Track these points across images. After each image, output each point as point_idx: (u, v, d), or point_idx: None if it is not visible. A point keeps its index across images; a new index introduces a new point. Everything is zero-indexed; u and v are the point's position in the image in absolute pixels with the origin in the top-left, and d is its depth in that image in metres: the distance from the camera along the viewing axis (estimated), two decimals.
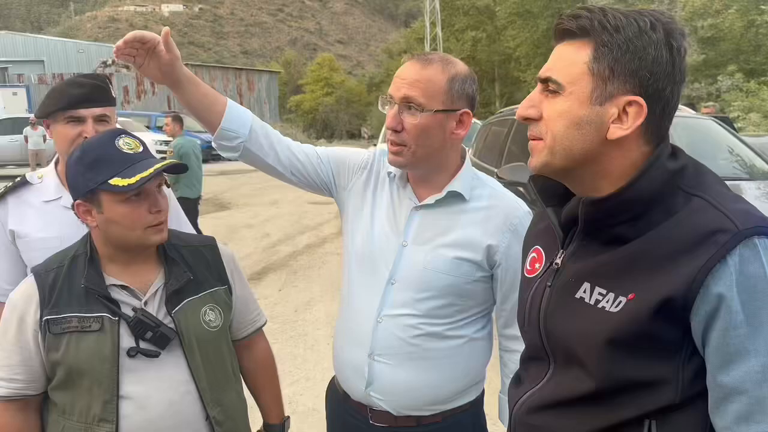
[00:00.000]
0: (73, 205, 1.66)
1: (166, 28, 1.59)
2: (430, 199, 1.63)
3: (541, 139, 1.06)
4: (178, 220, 2.29)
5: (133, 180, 1.55)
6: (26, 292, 1.66)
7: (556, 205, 1.17)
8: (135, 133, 1.83)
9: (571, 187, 1.11)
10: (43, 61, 33.13)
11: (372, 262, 1.68)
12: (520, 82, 36.36)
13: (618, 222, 1.03)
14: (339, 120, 54.23)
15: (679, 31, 1.00)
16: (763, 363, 0.88)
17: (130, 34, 1.54)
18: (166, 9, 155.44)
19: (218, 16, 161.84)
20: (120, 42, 1.54)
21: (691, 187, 1.00)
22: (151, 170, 1.59)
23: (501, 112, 6.48)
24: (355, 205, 1.77)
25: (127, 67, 38.10)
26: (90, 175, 1.58)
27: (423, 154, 1.58)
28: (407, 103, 1.53)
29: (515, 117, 5.47)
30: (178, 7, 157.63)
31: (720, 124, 5.38)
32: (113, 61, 37.66)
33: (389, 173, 1.73)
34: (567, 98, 1.02)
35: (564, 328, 1.10)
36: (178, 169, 1.79)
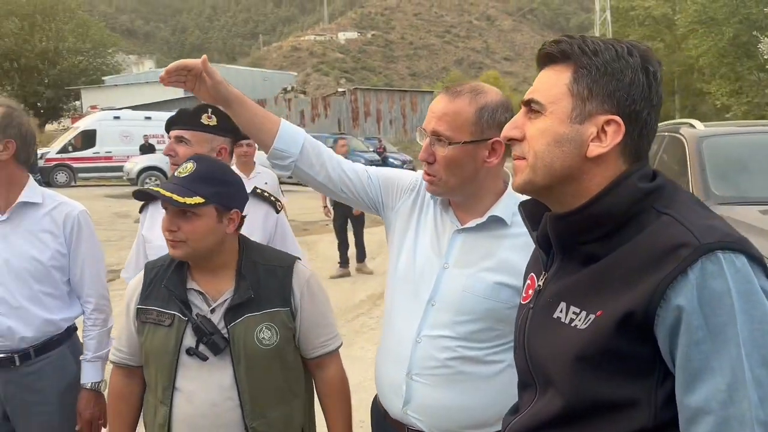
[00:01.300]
0: None
1: (203, 56, 1.66)
2: (472, 223, 1.60)
3: (524, 158, 1.07)
4: (283, 240, 2.45)
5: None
6: (135, 282, 1.87)
7: None
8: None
9: (553, 206, 1.10)
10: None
11: (414, 283, 1.64)
12: (704, 94, 33.87)
13: (589, 239, 1.03)
14: None
15: (655, 59, 1.03)
16: (729, 382, 0.85)
17: (172, 64, 1.63)
18: (342, 36, 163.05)
19: (389, 41, 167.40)
20: (162, 72, 1.65)
21: (663, 206, 0.98)
22: (161, 193, 1.69)
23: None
24: (401, 226, 1.75)
25: (304, 93, 41.38)
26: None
27: (455, 184, 1.57)
28: (436, 136, 1.54)
29: (662, 133, 5.43)
30: (353, 35, 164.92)
31: None
32: (292, 88, 40.96)
33: (432, 197, 1.71)
34: (548, 117, 1.03)
35: (542, 349, 1.09)
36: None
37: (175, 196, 1.62)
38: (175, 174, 1.73)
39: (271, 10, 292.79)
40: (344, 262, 8.45)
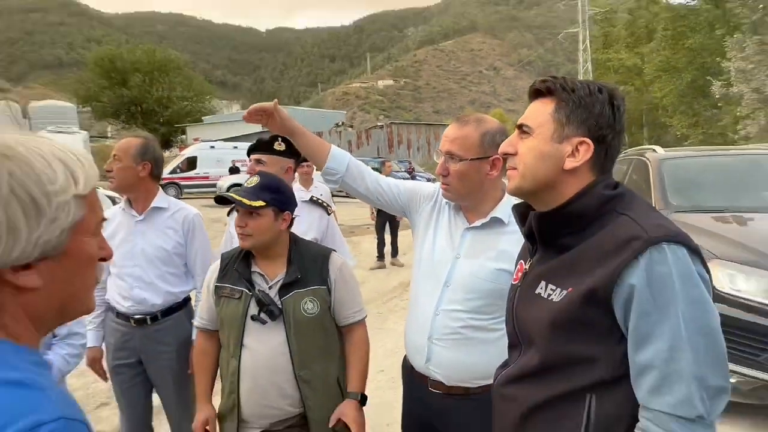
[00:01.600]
0: None
1: (275, 100, 1.68)
2: (478, 223, 1.58)
3: (515, 168, 1.07)
4: (332, 235, 2.44)
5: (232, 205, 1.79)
6: (213, 267, 1.88)
7: None
8: None
9: (538, 207, 1.08)
10: None
11: (433, 269, 1.62)
12: (666, 126, 32.95)
13: (564, 233, 1.03)
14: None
15: (620, 96, 1.03)
16: (670, 345, 0.86)
17: (252, 106, 1.66)
18: (381, 83, 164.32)
19: (417, 87, 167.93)
20: (245, 113, 1.69)
21: (622, 209, 0.98)
22: (233, 199, 1.72)
23: (625, 153, 6.06)
24: (423, 226, 1.73)
25: (351, 126, 41.68)
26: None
27: (465, 191, 1.56)
28: (450, 155, 1.53)
29: (627, 156, 5.34)
30: (389, 82, 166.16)
31: None
32: (342, 123, 41.30)
33: (447, 202, 1.69)
34: (535, 138, 1.04)
35: (526, 317, 1.09)
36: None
37: (244, 200, 1.66)
38: (245, 184, 1.76)
39: (327, 65, 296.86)
40: (381, 256, 8.46)
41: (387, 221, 8.36)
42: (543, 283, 1.03)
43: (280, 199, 1.73)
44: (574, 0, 41.86)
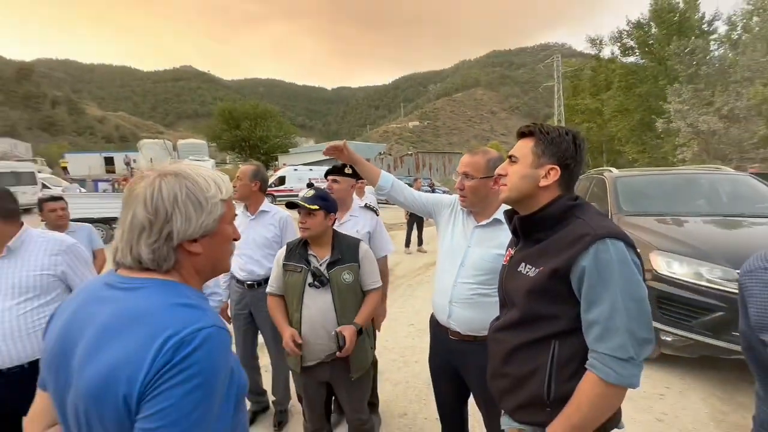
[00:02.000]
0: None
1: (344, 141, 1.69)
2: (483, 222, 1.55)
3: (505, 185, 1.07)
4: (380, 231, 2.32)
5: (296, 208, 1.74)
6: (281, 251, 1.85)
7: None
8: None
9: (521, 211, 1.08)
10: None
11: (452, 255, 1.59)
12: (621, 152, 31.37)
13: (537, 230, 1.03)
14: None
15: (581, 137, 1.03)
16: (610, 308, 0.86)
17: (329, 145, 1.66)
18: (410, 124, 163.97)
19: (436, 126, 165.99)
20: (325, 149, 1.69)
21: (580, 214, 0.97)
22: (299, 204, 1.72)
23: (588, 173, 5.87)
24: (443, 225, 1.70)
25: (389, 154, 41.63)
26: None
27: (476, 200, 1.54)
28: (465, 175, 1.52)
29: (590, 175, 5.16)
30: (416, 123, 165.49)
31: (759, 180, 4.02)
32: (383, 152, 41.28)
33: (461, 208, 1.65)
34: (519, 164, 1.04)
35: (511, 287, 1.08)
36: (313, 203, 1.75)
37: (305, 204, 1.69)
38: (304, 195, 1.77)
39: (372, 111, 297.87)
40: (408, 244, 8.46)
41: (416, 221, 8.37)
42: (523, 264, 1.03)
43: (327, 205, 1.74)
44: (551, 62, 40.29)
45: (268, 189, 22.00)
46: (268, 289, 1.82)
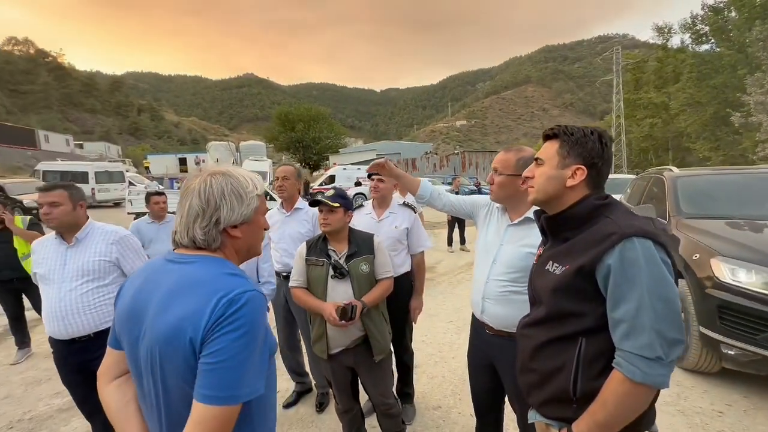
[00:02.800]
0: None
1: (385, 159, 1.79)
2: (516, 221, 1.54)
3: (533, 186, 1.07)
4: (418, 227, 2.32)
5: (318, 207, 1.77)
6: (302, 246, 1.88)
7: None
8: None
9: (549, 211, 1.07)
10: (399, 153, 37.23)
11: (486, 252, 1.59)
12: (690, 150, 28.18)
13: (565, 229, 1.02)
14: None
15: (607, 136, 1.00)
16: (636, 306, 0.84)
17: (373, 163, 1.80)
18: (457, 123, 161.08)
19: (484, 125, 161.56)
20: (369, 166, 1.83)
21: (608, 213, 0.96)
22: (320, 202, 1.77)
23: (646, 172, 5.01)
24: (480, 224, 1.71)
25: (436, 154, 41.04)
26: (314, 204, 1.83)
27: (503, 196, 1.54)
28: (495, 170, 1.53)
29: (647, 175, 4.77)
30: (464, 122, 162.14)
31: None
32: (430, 152, 40.86)
33: (497, 207, 1.65)
34: (546, 166, 1.04)
35: (538, 284, 1.07)
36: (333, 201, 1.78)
37: (328, 202, 1.75)
38: (326, 194, 1.80)
39: (419, 111, 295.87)
40: (450, 243, 8.35)
41: (457, 220, 8.25)
42: (551, 262, 1.02)
43: (346, 203, 1.79)
44: (610, 54, 37.06)
45: (317, 187, 22.48)
46: (292, 283, 1.85)
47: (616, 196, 5.69)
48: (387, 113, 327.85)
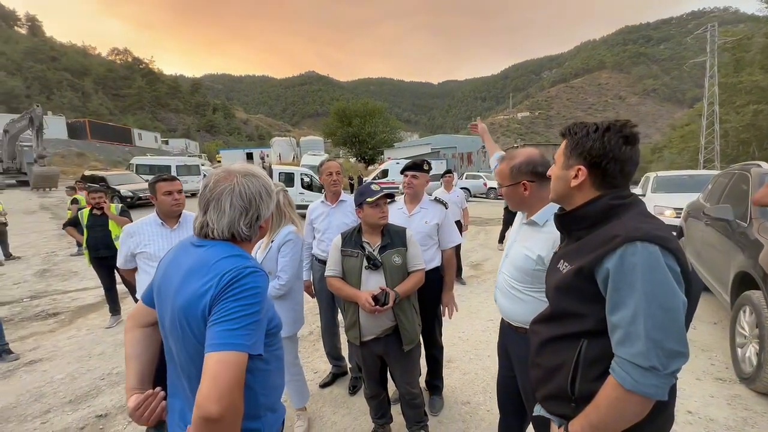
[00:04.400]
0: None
1: (479, 118, 1.98)
2: (525, 221, 1.52)
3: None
4: (449, 222, 2.32)
5: (372, 199, 1.81)
6: (338, 238, 1.94)
7: None
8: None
9: (566, 209, 1.06)
10: (455, 147, 36.34)
11: (508, 245, 1.60)
12: None
13: (577, 228, 1.01)
14: None
15: (618, 130, 0.94)
16: (632, 313, 0.82)
17: (472, 123, 2.11)
18: (519, 115, 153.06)
19: (549, 116, 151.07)
20: (471, 125, 2.25)
21: (620, 214, 0.93)
22: (377, 196, 1.81)
23: (730, 168, 4.43)
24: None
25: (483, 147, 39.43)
26: (359, 197, 1.87)
27: (514, 204, 1.52)
28: (498, 184, 1.54)
29: (730, 171, 4.18)
30: (526, 113, 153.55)
31: None
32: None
33: None
34: (556, 166, 1.06)
35: (548, 282, 1.08)
36: (392, 196, 1.89)
37: (389, 196, 1.87)
38: (374, 189, 1.86)
39: (478, 104, 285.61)
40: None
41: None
42: (561, 261, 1.02)
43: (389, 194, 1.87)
44: (704, 32, 32.25)
45: (370, 181, 22.70)
46: (328, 272, 1.91)
47: (694, 196, 5.19)
48: (444, 106, 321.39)
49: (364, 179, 22.36)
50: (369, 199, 1.81)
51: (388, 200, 1.84)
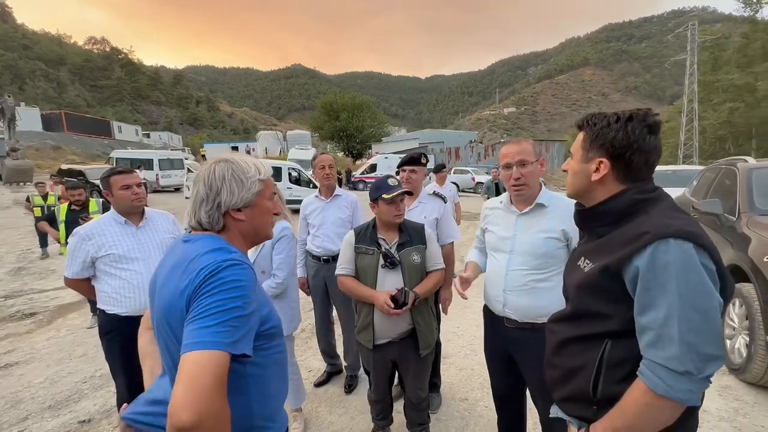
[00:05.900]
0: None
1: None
2: (526, 210, 1.52)
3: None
4: (447, 216, 2.27)
5: (389, 196, 1.72)
6: (350, 234, 1.85)
7: None
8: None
9: (585, 205, 1.01)
10: (443, 142, 36.43)
11: (499, 246, 1.59)
12: None
13: (599, 224, 0.96)
14: None
15: (641, 120, 0.90)
16: (665, 314, 0.78)
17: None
18: (505, 110, 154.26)
19: (535, 111, 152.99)
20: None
21: (648, 209, 0.88)
22: (395, 193, 1.72)
23: (717, 163, 4.50)
24: (484, 227, 1.73)
25: (481, 143, 39.57)
26: (374, 192, 1.78)
27: (533, 184, 1.51)
28: (521, 163, 1.48)
29: (717, 166, 4.27)
30: (512, 109, 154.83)
31: None
32: (475, 140, 39.50)
33: (500, 203, 1.65)
34: (573, 160, 1.01)
35: (568, 280, 1.05)
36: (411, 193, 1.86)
37: (406, 192, 1.78)
38: (391, 184, 1.79)
39: (465, 99, 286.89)
40: None
41: None
42: (582, 258, 0.98)
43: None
44: (684, 30, 32.97)
45: (358, 175, 22.53)
46: (340, 271, 1.82)
47: (680, 190, 5.31)
48: (431, 101, 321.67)
49: (353, 173, 22.14)
50: (385, 196, 1.72)
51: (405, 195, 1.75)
